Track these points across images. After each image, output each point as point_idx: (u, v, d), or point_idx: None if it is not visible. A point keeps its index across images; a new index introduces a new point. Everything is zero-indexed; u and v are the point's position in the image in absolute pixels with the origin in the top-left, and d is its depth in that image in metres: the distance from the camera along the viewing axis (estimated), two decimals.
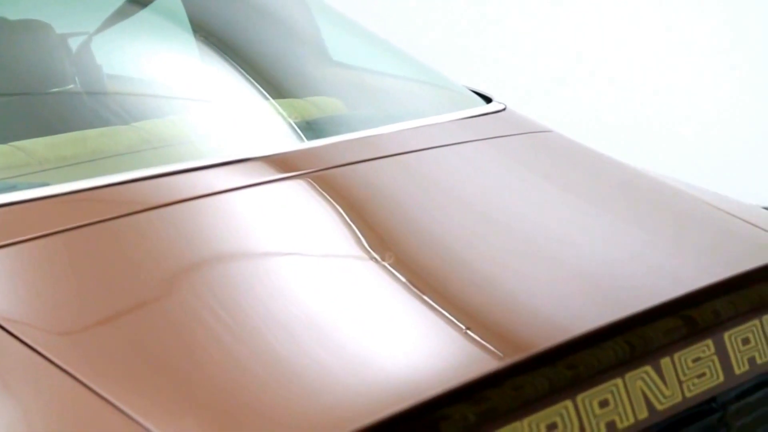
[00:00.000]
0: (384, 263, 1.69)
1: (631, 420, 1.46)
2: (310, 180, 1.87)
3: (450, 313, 1.55)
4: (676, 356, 1.52)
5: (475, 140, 2.13)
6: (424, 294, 1.61)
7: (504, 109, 2.29)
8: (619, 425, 1.44)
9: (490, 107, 2.29)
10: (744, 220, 2.02)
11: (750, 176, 5.19)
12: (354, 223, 1.80)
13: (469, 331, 1.51)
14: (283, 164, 1.91)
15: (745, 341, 1.60)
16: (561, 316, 1.56)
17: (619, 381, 1.46)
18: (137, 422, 1.28)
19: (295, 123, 2.12)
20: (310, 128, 2.11)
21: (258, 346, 1.47)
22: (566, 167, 2.13)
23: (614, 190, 2.07)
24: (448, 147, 2.07)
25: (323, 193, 1.87)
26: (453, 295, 1.61)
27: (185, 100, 2.19)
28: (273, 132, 2.11)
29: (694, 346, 1.54)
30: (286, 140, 2.10)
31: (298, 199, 1.86)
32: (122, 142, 1.97)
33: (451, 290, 1.62)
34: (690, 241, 1.90)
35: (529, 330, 1.53)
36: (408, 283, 1.64)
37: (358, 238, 1.78)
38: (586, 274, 1.71)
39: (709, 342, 1.56)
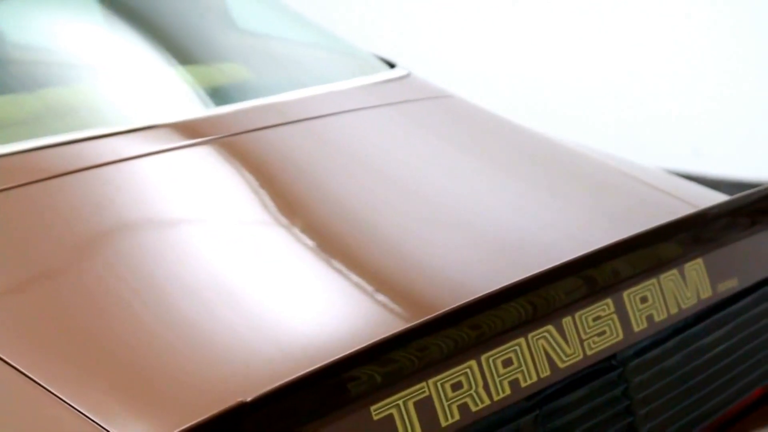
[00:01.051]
0: (291, 228, 1.71)
1: (534, 378, 1.49)
2: (217, 146, 1.88)
3: (356, 277, 1.57)
4: (577, 315, 1.56)
5: (380, 105, 2.15)
6: (331, 258, 1.63)
7: (408, 75, 2.31)
8: (523, 383, 1.48)
9: (395, 73, 2.30)
10: (644, 182, 2.07)
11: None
12: (261, 189, 1.82)
13: (375, 294, 1.53)
14: (191, 131, 1.91)
15: (644, 299, 1.65)
16: (465, 278, 1.60)
17: (522, 340, 1.49)
18: (44, 388, 1.29)
19: (202, 89, 2.12)
20: (216, 95, 2.11)
21: (167, 311, 1.48)
22: (470, 131, 2.16)
23: (516, 154, 2.10)
24: (354, 112, 2.08)
25: (231, 159, 1.87)
26: (359, 259, 1.63)
27: (91, 68, 2.17)
28: (180, 99, 2.10)
29: (595, 306, 1.58)
30: (193, 107, 2.09)
31: (206, 165, 1.86)
32: (26, 110, 1.96)
33: (357, 254, 1.65)
34: (590, 203, 1.95)
35: (434, 292, 1.56)
36: (315, 248, 1.66)
37: (266, 203, 1.79)
38: (489, 237, 1.74)
39: (609, 301, 1.60)
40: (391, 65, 2.35)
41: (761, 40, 5.19)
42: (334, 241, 1.68)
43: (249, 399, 1.17)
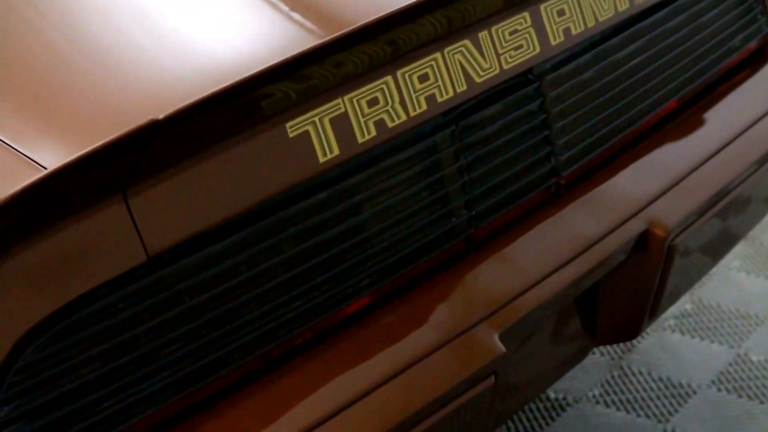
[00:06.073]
0: None
1: (451, 93, 1.49)
2: None
3: None
4: (493, 29, 1.54)
5: None
6: None
7: None
8: (439, 98, 1.47)
9: None
10: None
11: None
12: None
13: (289, 11, 1.50)
14: None
15: (561, 12, 1.63)
16: None
17: (438, 55, 1.47)
18: None
19: None
20: None
21: (78, 35, 1.46)
22: None
23: None
24: None
25: None
26: None
27: None
28: None
29: (512, 19, 1.56)
30: None
31: None
32: None
33: None
34: None
35: (350, 7, 1.53)
36: None
37: None
38: None
39: (526, 14, 1.58)
40: None
41: None
42: None
43: (161, 116, 1.15)
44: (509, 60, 1.56)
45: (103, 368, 1.20)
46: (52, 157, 1.20)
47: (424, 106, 1.46)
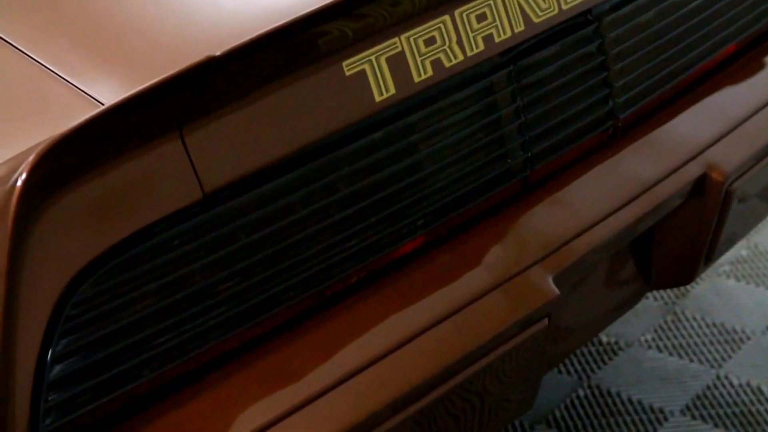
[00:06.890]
0: None
1: (509, 33, 1.47)
2: None
3: None
4: None
5: None
6: None
7: None
8: (497, 39, 1.46)
9: None
10: None
11: None
12: None
13: None
14: None
15: None
16: None
17: None
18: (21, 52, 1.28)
19: None
20: None
21: None
22: None
23: None
24: None
25: None
26: None
27: None
28: None
29: None
30: None
31: None
32: None
33: None
34: None
35: None
36: None
37: None
38: None
39: None
40: None
41: None
42: None
43: (218, 53, 1.15)
44: (568, 0, 1.54)
45: (158, 304, 1.21)
46: (110, 94, 1.21)
47: (482, 46, 1.44)
